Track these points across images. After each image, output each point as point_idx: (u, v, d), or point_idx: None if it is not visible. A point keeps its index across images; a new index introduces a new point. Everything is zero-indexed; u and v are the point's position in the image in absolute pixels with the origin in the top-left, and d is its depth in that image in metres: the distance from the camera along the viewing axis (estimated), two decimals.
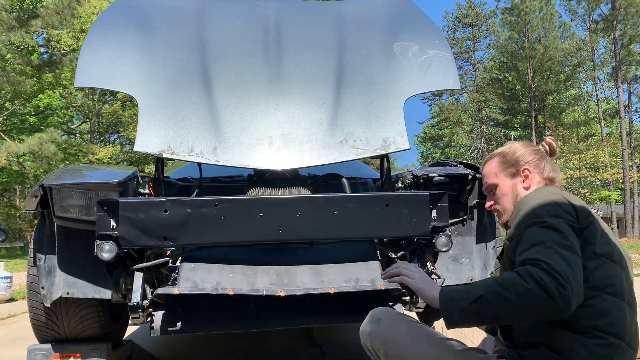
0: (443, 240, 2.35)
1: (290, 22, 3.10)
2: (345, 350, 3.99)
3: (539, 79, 35.80)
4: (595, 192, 34.55)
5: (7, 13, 19.38)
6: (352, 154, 2.52)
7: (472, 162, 2.67)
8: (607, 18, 33.21)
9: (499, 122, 39.73)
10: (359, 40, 3.00)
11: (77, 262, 2.47)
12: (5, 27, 18.79)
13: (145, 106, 2.52)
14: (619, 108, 33.11)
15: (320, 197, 2.23)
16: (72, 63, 21.06)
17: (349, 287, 2.24)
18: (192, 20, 2.98)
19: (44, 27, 21.43)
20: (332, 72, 2.78)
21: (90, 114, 28.01)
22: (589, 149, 31.03)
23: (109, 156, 24.95)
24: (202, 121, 2.52)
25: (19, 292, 8.59)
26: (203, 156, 2.43)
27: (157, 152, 2.43)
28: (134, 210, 2.05)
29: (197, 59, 2.75)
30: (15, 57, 21.51)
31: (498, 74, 39.46)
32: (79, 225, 2.32)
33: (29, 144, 19.42)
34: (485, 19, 41.23)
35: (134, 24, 2.90)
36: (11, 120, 25.76)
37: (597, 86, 35.89)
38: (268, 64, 2.78)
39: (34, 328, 2.67)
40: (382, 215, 2.22)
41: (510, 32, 36.15)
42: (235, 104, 2.59)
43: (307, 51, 2.88)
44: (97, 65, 2.65)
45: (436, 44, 2.92)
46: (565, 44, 34.81)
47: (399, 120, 2.63)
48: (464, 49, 41.89)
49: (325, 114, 2.61)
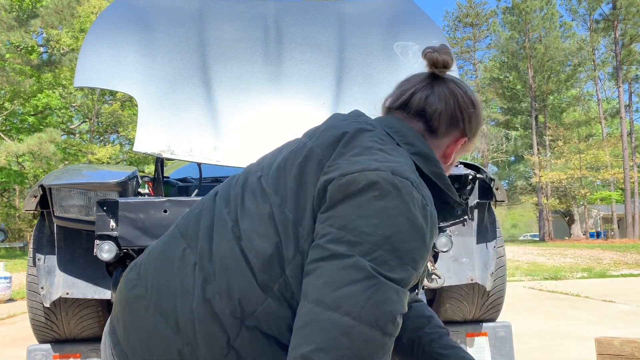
0: (443, 240, 2.34)
1: (290, 22, 3.09)
2: None
3: (539, 78, 35.79)
4: (596, 192, 34.56)
5: (6, 13, 19.38)
6: None
7: (472, 162, 2.66)
8: (607, 18, 33.21)
9: (499, 121, 39.74)
10: (359, 40, 3.00)
11: (77, 262, 2.46)
12: (5, 26, 18.78)
13: (145, 106, 2.52)
14: (620, 108, 33.11)
15: None
16: (72, 63, 21.05)
17: None
18: (192, 20, 2.98)
19: (44, 27, 21.42)
20: (332, 72, 2.78)
21: (89, 113, 28.01)
22: (590, 148, 31.05)
23: (109, 156, 24.95)
24: (202, 121, 2.52)
25: (19, 292, 8.59)
26: (203, 156, 2.43)
27: (157, 152, 2.42)
28: (134, 210, 2.04)
29: (197, 59, 2.75)
30: (14, 56, 21.52)
31: (498, 73, 39.46)
32: (79, 225, 2.32)
33: (29, 143, 19.41)
34: (486, 18, 41.26)
35: (133, 23, 2.89)
36: (10, 120, 25.76)
37: (598, 86, 35.91)
38: (268, 63, 2.77)
39: (34, 328, 2.66)
40: None
41: (510, 32, 36.15)
42: (235, 104, 2.59)
43: (307, 51, 2.88)
44: (96, 65, 2.65)
45: (436, 44, 2.91)
46: (566, 43, 34.82)
47: None
48: (465, 48, 41.91)
49: (325, 114, 2.61)
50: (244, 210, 0.93)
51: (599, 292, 7.29)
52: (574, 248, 19.08)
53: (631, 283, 8.79)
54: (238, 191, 0.98)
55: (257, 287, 0.87)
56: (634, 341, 2.72)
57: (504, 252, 2.73)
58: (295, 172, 0.91)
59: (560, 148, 31.89)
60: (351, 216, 0.82)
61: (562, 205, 34.71)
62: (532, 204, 38.80)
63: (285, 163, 0.95)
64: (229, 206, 0.96)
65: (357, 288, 0.78)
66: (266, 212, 0.90)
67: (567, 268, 11.94)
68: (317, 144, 0.94)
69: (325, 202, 0.85)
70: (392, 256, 0.80)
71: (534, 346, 3.97)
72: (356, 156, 0.88)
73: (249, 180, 0.98)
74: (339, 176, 0.85)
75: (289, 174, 0.91)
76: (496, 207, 2.76)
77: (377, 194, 0.82)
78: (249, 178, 0.99)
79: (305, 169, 0.90)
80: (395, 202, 0.82)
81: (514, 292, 7.49)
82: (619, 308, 5.88)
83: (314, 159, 0.91)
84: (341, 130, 0.94)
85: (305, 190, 0.88)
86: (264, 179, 0.96)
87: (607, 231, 36.88)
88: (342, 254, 0.79)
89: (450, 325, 2.83)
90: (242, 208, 0.94)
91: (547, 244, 24.69)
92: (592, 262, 13.53)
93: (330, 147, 0.92)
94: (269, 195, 0.91)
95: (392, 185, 0.83)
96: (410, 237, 0.82)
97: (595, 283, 8.89)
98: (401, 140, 0.97)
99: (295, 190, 0.89)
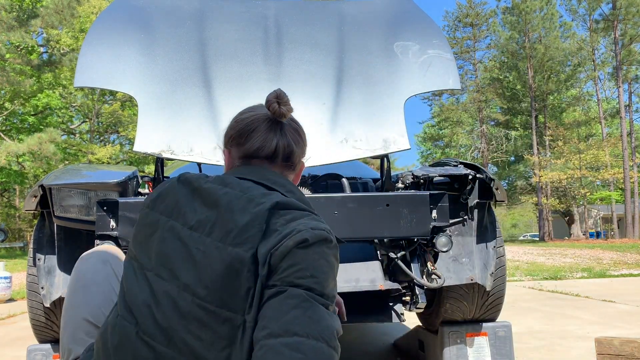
0: (443, 240, 2.35)
1: (290, 22, 3.09)
2: (345, 350, 3.99)
3: (539, 78, 35.78)
4: (596, 192, 34.56)
5: (6, 13, 19.37)
6: (352, 154, 2.52)
7: (472, 162, 2.67)
8: (607, 18, 33.21)
9: (499, 122, 39.73)
10: (359, 40, 3.00)
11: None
12: (5, 26, 18.78)
13: (145, 106, 2.52)
14: (620, 108, 33.10)
15: (320, 197, 2.22)
16: (72, 63, 21.05)
17: (349, 287, 2.24)
18: (192, 20, 2.98)
19: (44, 27, 21.42)
20: (332, 72, 2.78)
21: (89, 113, 28.01)
22: (590, 149, 31.04)
23: (109, 156, 24.95)
24: (202, 121, 2.52)
25: (19, 292, 8.58)
26: (203, 156, 2.43)
27: (157, 152, 2.42)
28: (134, 210, 2.05)
29: (197, 59, 2.75)
30: (14, 56, 21.51)
31: (498, 73, 39.45)
32: (79, 225, 2.32)
33: (29, 143, 19.41)
34: (486, 18, 41.23)
35: (133, 23, 2.89)
36: (10, 120, 25.76)
37: (598, 86, 35.89)
38: (268, 63, 2.77)
39: (34, 328, 2.67)
40: (382, 215, 2.22)
41: (510, 32, 36.14)
42: (235, 104, 2.58)
43: (307, 51, 2.88)
44: (96, 65, 2.65)
45: (436, 44, 2.91)
46: (566, 43, 34.81)
47: (399, 120, 2.62)
48: (465, 48, 41.89)
49: (325, 114, 2.61)
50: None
51: (599, 292, 7.29)
52: (573, 248, 19.07)
53: (631, 283, 8.79)
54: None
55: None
56: (633, 341, 2.73)
57: (503, 252, 2.73)
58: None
59: (560, 148, 31.88)
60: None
61: (562, 205, 34.71)
62: (532, 204, 38.79)
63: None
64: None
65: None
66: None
67: (567, 268, 11.94)
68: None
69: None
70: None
71: (533, 346, 3.97)
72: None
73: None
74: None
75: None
76: (496, 207, 2.76)
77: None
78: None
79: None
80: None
81: (514, 292, 7.49)
82: (618, 308, 5.89)
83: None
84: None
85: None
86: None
87: (607, 231, 36.88)
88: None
89: (450, 325, 2.83)
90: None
91: (547, 244, 24.69)
92: (592, 262, 13.53)
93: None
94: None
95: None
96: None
97: (595, 283, 8.89)
98: (283, 189, 1.08)
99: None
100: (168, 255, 1.01)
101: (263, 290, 0.92)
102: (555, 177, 30.72)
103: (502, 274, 2.73)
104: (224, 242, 0.96)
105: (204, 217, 1.01)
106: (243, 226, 0.96)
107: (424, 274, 2.52)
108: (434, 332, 2.99)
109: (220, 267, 0.94)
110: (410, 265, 2.51)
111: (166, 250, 1.01)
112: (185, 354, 0.94)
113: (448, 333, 2.80)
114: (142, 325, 0.99)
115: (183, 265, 0.98)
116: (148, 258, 1.04)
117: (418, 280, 2.46)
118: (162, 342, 0.96)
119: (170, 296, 0.97)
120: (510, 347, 2.80)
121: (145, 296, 1.00)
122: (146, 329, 0.98)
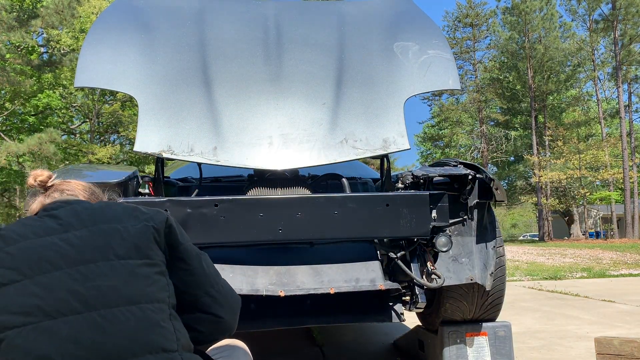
0: (443, 240, 2.35)
1: (290, 22, 3.10)
2: (345, 351, 3.99)
3: (539, 79, 35.79)
4: (596, 192, 34.56)
5: (7, 13, 19.37)
6: (352, 154, 2.52)
7: (472, 162, 2.67)
8: (607, 18, 33.21)
9: (499, 122, 39.74)
10: (359, 40, 3.00)
11: None
12: (5, 27, 18.77)
13: (145, 106, 2.52)
14: (619, 108, 33.11)
15: (320, 197, 2.23)
16: (72, 63, 21.04)
17: (349, 287, 2.24)
18: (192, 20, 2.98)
19: (44, 27, 21.40)
20: (332, 72, 2.78)
21: (90, 114, 28.00)
22: (589, 149, 31.06)
23: (109, 156, 24.94)
24: (202, 121, 2.52)
25: None
26: (203, 156, 2.43)
27: (157, 152, 2.43)
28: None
29: (197, 59, 2.75)
30: (15, 57, 21.50)
31: (498, 74, 39.47)
32: None
33: (29, 144, 19.39)
34: (486, 18, 41.25)
35: (134, 23, 2.90)
36: (11, 120, 25.75)
37: (597, 86, 35.89)
38: (268, 63, 2.77)
39: None
40: (382, 215, 2.22)
41: (510, 32, 36.15)
42: (235, 104, 2.59)
43: (307, 51, 2.88)
44: (97, 66, 2.65)
45: (436, 44, 2.91)
46: (566, 44, 34.81)
47: (399, 120, 2.63)
48: (464, 48, 41.90)
49: (325, 114, 2.61)
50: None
51: (599, 292, 7.30)
52: (573, 248, 19.08)
53: (631, 283, 8.80)
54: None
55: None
56: (633, 341, 2.73)
57: (503, 252, 2.74)
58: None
59: (559, 148, 31.89)
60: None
61: (561, 205, 34.71)
62: (532, 204, 38.80)
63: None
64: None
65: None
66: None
67: (567, 268, 11.95)
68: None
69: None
70: None
71: (533, 346, 3.98)
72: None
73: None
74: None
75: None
76: (496, 207, 2.76)
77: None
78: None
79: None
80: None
81: (514, 291, 7.49)
82: (618, 308, 5.89)
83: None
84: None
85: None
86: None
87: (606, 231, 36.88)
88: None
89: (450, 325, 2.84)
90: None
91: (546, 244, 24.70)
92: (592, 262, 13.53)
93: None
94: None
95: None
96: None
97: (595, 283, 8.89)
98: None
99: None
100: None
101: None
102: (555, 177, 30.73)
103: (502, 274, 2.73)
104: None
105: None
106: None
107: (423, 274, 2.53)
108: (433, 331, 2.99)
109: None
110: (410, 265, 2.51)
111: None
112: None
113: (448, 333, 2.80)
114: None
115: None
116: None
117: (418, 280, 2.46)
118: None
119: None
120: (510, 347, 2.80)
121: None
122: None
